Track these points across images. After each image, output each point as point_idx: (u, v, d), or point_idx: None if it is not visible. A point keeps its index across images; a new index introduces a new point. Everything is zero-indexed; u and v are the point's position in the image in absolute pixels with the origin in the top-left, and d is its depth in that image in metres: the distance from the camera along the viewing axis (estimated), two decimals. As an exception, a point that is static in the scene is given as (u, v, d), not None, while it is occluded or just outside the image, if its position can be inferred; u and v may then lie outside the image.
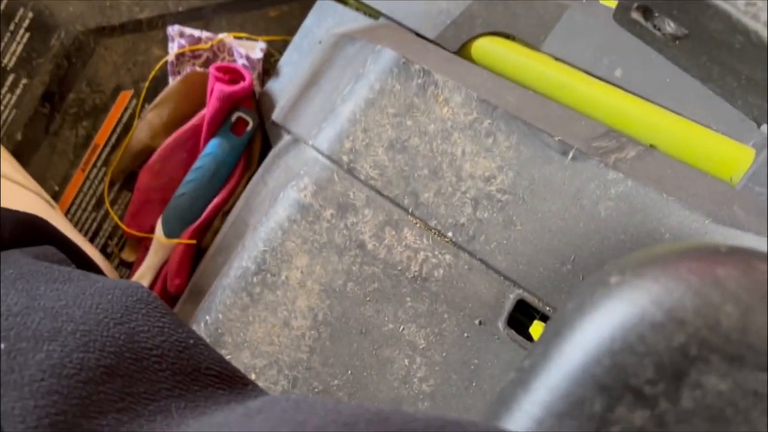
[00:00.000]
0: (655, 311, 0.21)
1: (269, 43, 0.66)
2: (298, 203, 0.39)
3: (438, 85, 0.39)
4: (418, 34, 0.54)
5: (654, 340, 0.21)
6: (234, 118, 0.63)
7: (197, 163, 0.64)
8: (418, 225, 0.39)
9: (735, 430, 0.21)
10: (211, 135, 0.63)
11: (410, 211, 0.40)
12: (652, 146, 0.48)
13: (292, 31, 0.65)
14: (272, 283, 0.39)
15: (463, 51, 0.54)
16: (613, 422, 0.21)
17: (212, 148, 0.63)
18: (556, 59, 0.52)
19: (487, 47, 0.54)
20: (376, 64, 0.40)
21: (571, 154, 0.39)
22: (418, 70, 0.39)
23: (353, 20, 0.60)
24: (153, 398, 0.25)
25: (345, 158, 0.40)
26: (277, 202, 0.39)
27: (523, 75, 0.52)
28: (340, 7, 0.62)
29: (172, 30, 0.65)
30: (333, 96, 0.42)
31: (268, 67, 0.66)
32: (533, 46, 0.53)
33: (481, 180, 0.39)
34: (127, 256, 0.69)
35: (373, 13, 0.59)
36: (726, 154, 0.46)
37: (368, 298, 0.38)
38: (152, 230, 0.65)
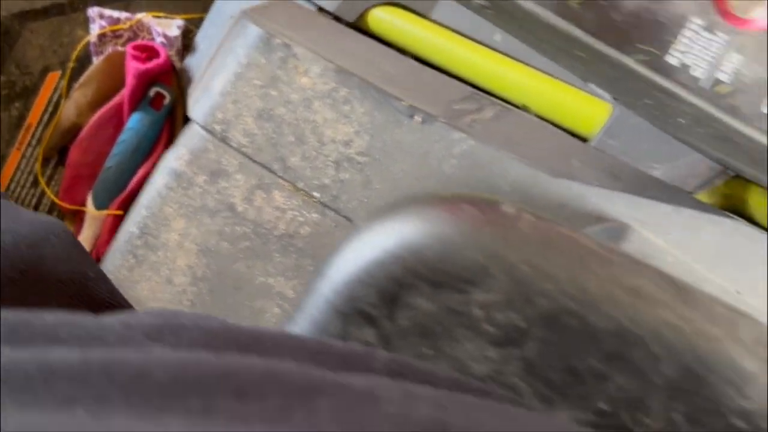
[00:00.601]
0: (378, 250, 0.25)
1: (189, 20, 0.69)
2: (173, 171, 0.43)
3: (298, 58, 0.42)
4: (321, 9, 0.57)
5: (376, 272, 0.25)
6: (152, 93, 0.66)
7: (120, 138, 0.67)
8: (287, 187, 0.43)
9: (442, 342, 0.24)
10: (132, 110, 0.67)
11: (279, 174, 0.43)
12: (524, 106, 0.51)
13: (209, 8, 0.68)
14: (154, 245, 0.43)
15: (360, 22, 0.57)
16: (349, 340, 0.25)
17: (133, 123, 0.67)
18: (443, 26, 0.55)
19: (380, 17, 0.57)
20: (244, 40, 0.43)
21: (418, 118, 0.42)
22: (279, 44, 0.43)
23: (261, -3, 0.62)
24: None
25: (218, 128, 0.44)
26: (157, 170, 0.43)
27: (412, 42, 0.55)
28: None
29: (92, 12, 0.68)
30: (211, 71, 0.46)
31: (188, 43, 0.69)
32: (423, 14, 0.56)
33: (341, 144, 0.43)
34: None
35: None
36: (592, 111, 0.49)
37: (240, 255, 0.42)
38: (85, 204, 0.69)
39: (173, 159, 0.43)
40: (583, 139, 0.47)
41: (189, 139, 0.44)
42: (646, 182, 0.42)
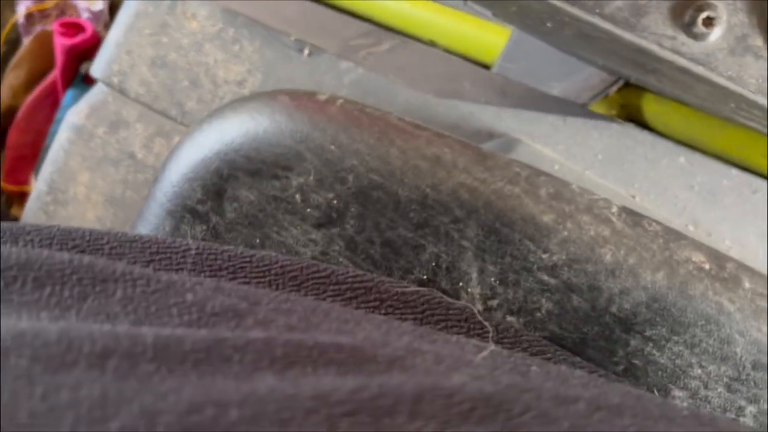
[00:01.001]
0: (199, 147, 0.26)
1: (113, -5, 0.70)
2: (74, 125, 0.44)
3: (184, 2, 0.43)
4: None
5: (200, 169, 0.25)
6: (84, 69, 0.67)
7: (58, 116, 0.68)
8: (185, 132, 0.44)
9: (269, 230, 0.25)
10: (66, 88, 0.68)
11: (178, 120, 0.44)
12: (432, 42, 0.52)
13: (131, -20, 0.69)
14: (62, 200, 0.44)
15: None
16: (182, 237, 0.26)
17: (69, 99, 0.68)
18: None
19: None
20: (133, -8, 0.44)
21: (307, 51, 0.43)
22: (165, -9, 0.43)
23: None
24: None
25: (115, 80, 0.44)
26: (60, 127, 0.44)
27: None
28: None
29: (17, -8, 0.68)
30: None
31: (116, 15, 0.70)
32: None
33: (234, 84, 0.44)
34: (17, 212, 0.74)
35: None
36: (493, 39, 0.50)
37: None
38: (29, 183, 0.70)
39: (73, 114, 0.44)
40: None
41: (90, 95, 0.45)
42: (535, 97, 0.43)
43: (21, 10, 0.68)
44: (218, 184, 0.25)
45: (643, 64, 0.40)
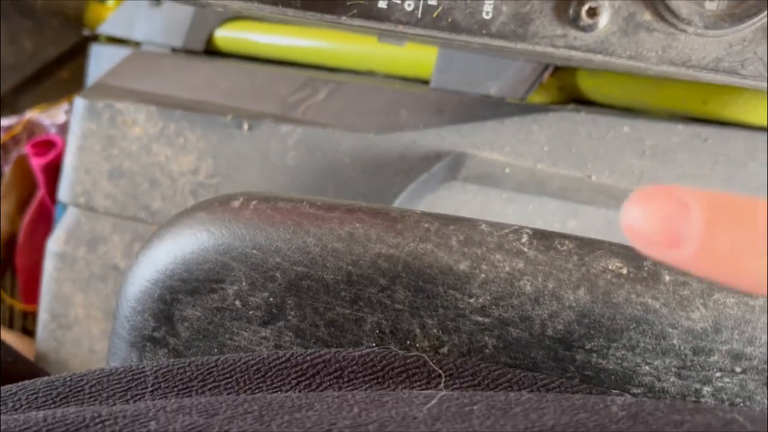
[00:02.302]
0: (139, 280, 0.27)
1: (71, 101, 0.72)
2: (56, 254, 0.46)
3: (122, 112, 0.45)
4: (174, 49, 0.59)
5: (144, 300, 0.27)
6: (65, 180, 0.70)
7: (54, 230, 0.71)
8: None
9: (222, 338, 0.27)
10: (54, 201, 0.70)
11: (150, 221, 0.46)
12: (371, 71, 0.53)
13: (85, 84, 0.71)
14: (66, 324, 0.46)
15: (210, 46, 0.60)
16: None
17: (60, 211, 0.70)
18: (288, 23, 0.57)
19: (223, 35, 0.59)
20: (76, 114, 0.46)
21: (246, 125, 0.44)
22: (102, 106, 0.45)
23: (122, 56, 0.65)
24: None
25: (82, 200, 0.47)
26: (46, 257, 0.46)
27: (255, 48, 0.57)
28: (111, 48, 0.68)
29: (-15, 127, 0.71)
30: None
31: (83, 122, 0.73)
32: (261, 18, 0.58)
33: (190, 174, 0.45)
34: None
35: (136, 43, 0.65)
36: (424, 56, 0.50)
37: (141, 306, 0.45)
38: (47, 299, 0.73)
39: (53, 243, 0.46)
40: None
41: (63, 220, 0.47)
42: (470, 107, 0.43)
43: (-6, 143, 0.71)
44: (165, 309, 0.27)
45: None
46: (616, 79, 0.43)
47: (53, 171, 0.69)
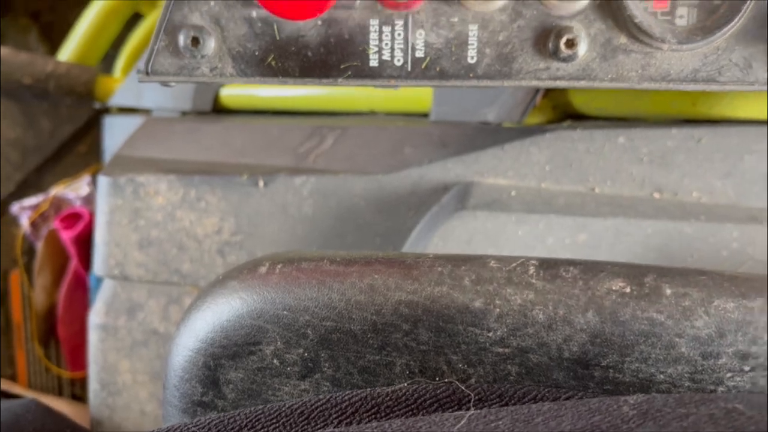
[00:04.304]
0: (183, 350, 0.29)
1: (94, 173, 0.76)
2: (98, 326, 0.49)
3: (144, 185, 0.48)
4: (183, 112, 0.62)
5: (190, 369, 0.29)
6: (95, 248, 0.73)
7: (92, 296, 0.74)
8: (191, 291, 0.48)
9: (266, 395, 0.29)
10: (87, 270, 0.74)
11: (182, 284, 0.48)
12: (372, 111, 0.55)
13: (103, 155, 0.74)
14: (116, 391, 0.49)
15: (218, 105, 0.62)
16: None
17: (94, 281, 0.73)
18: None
19: (228, 94, 0.62)
20: (101, 192, 0.49)
21: (261, 182, 0.47)
22: (125, 181, 0.48)
23: (134, 124, 0.68)
24: None
25: (116, 272, 0.49)
26: (89, 329, 0.49)
27: (262, 103, 0.60)
28: (122, 118, 0.71)
29: (15, 208, 0.75)
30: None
31: (105, 191, 0.76)
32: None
33: (214, 234, 0.48)
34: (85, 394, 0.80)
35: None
36: (420, 91, 0.53)
37: (183, 365, 0.48)
38: (92, 364, 0.76)
39: (94, 315, 0.49)
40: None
41: (101, 292, 0.50)
42: (471, 136, 0.45)
43: (24, 222, 0.75)
44: (210, 375, 0.29)
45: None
46: (607, 93, 0.45)
47: (83, 242, 0.72)
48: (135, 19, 0.80)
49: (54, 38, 1.08)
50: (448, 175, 0.45)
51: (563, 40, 0.33)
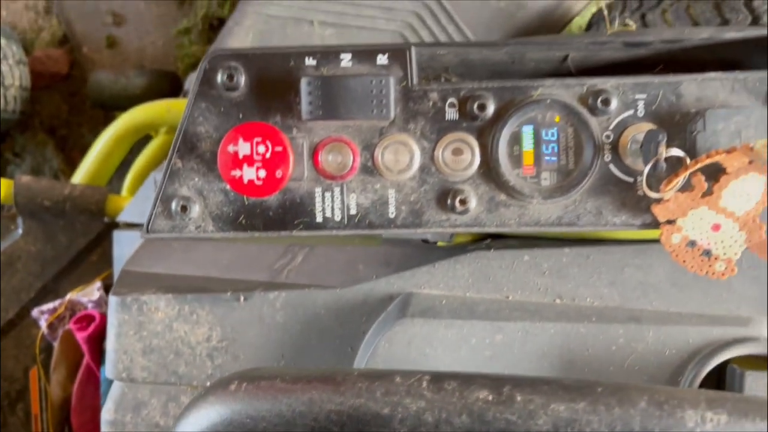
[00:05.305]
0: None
1: (105, 278, 0.86)
2: (108, 421, 0.58)
3: (147, 302, 0.58)
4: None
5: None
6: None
7: (103, 389, 0.84)
8: (187, 390, 0.58)
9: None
10: (98, 365, 0.83)
11: (178, 383, 0.58)
12: (337, 227, 0.66)
13: (112, 263, 0.85)
14: (123, 476, 0.58)
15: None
16: None
17: (104, 374, 0.83)
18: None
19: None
20: (111, 309, 0.60)
21: (242, 297, 0.57)
22: (131, 300, 0.59)
23: (139, 238, 0.79)
24: None
25: (125, 375, 0.59)
26: (101, 426, 0.59)
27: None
28: (129, 232, 0.82)
29: (35, 312, 0.85)
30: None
31: (113, 294, 0.87)
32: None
33: (204, 341, 0.58)
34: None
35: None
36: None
37: (181, 453, 0.57)
38: (103, 450, 0.85)
39: (105, 413, 0.59)
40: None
41: (111, 392, 0.60)
42: (409, 255, 0.56)
43: (43, 324, 0.85)
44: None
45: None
46: (518, 216, 0.56)
47: (95, 341, 0.82)
48: (140, 142, 0.92)
49: (68, 149, 1.21)
50: (392, 288, 0.56)
51: (458, 199, 0.44)
